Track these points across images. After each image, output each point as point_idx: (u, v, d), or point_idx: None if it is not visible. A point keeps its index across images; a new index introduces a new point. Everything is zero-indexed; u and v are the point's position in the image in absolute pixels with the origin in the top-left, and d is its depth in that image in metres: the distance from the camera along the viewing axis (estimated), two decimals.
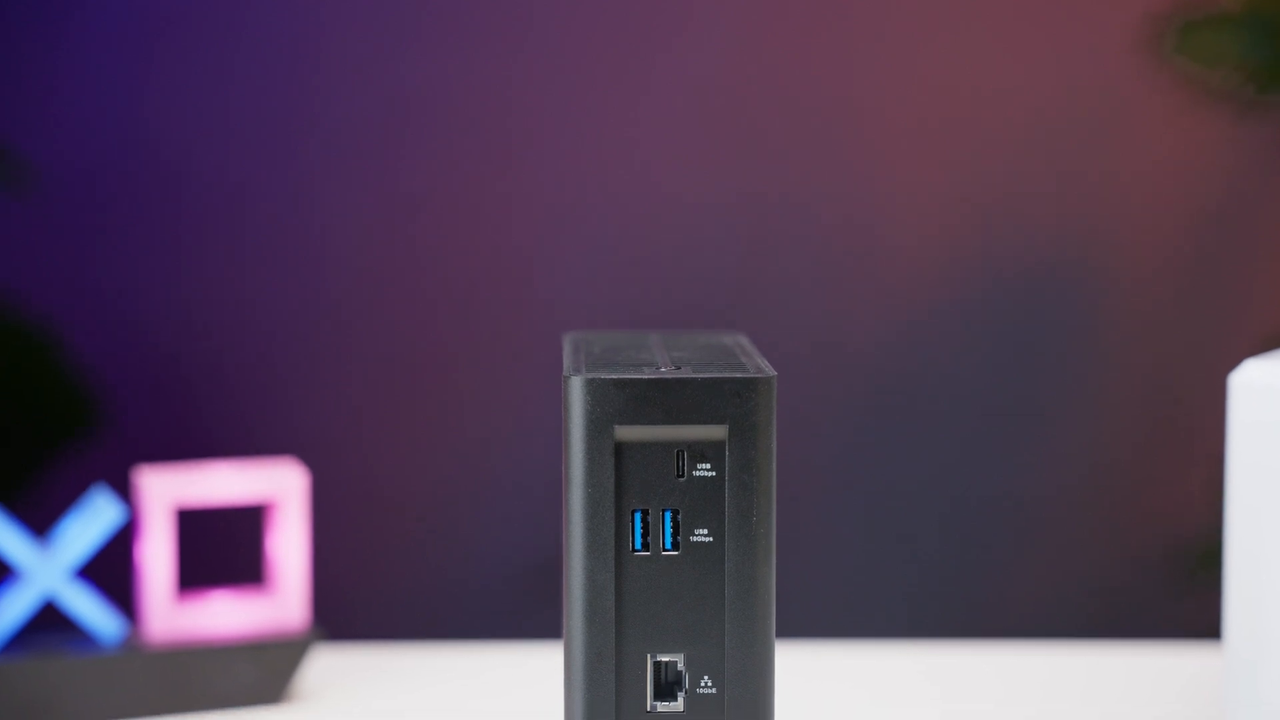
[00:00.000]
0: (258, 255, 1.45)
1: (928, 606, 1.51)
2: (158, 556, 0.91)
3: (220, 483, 0.92)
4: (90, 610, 0.91)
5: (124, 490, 0.96)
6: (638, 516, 0.65)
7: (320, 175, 1.46)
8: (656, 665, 0.66)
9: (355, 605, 1.36)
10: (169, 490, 0.91)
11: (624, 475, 0.65)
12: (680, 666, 0.66)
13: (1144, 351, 1.53)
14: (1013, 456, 1.52)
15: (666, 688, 0.66)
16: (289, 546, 0.93)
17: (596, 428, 0.65)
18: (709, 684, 0.66)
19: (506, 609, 1.41)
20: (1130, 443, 1.53)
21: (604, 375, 0.65)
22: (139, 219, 1.45)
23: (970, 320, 1.51)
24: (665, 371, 0.66)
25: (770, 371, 0.66)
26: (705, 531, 0.65)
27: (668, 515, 0.65)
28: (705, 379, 0.65)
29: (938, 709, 0.92)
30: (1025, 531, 1.53)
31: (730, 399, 0.65)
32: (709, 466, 0.65)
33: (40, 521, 1.04)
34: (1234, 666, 0.76)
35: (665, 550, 0.66)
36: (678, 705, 0.66)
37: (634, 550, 0.65)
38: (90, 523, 0.90)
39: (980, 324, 1.51)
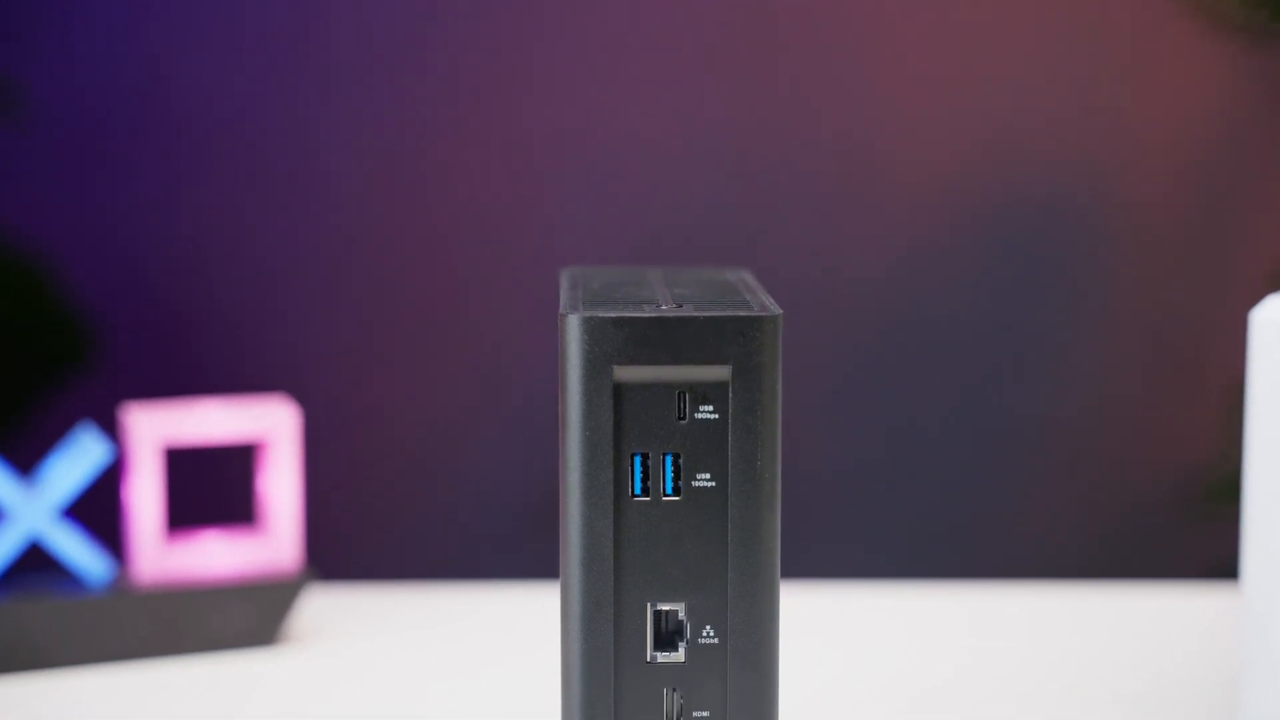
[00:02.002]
0: (251, 189, 1.43)
1: (935, 545, 1.50)
2: (146, 496, 0.89)
3: (210, 421, 0.91)
4: (77, 551, 0.89)
5: (111, 428, 0.95)
6: (637, 460, 0.63)
7: (317, 112, 1.43)
8: (657, 614, 0.64)
9: (349, 545, 1.35)
10: (157, 428, 0.90)
11: (623, 418, 0.63)
12: (681, 616, 0.64)
13: (1154, 283, 1.52)
14: (1022, 392, 1.51)
15: (667, 637, 0.64)
16: (281, 485, 0.92)
17: (594, 368, 0.62)
18: (711, 634, 0.64)
19: (503, 548, 1.40)
20: (1141, 375, 1.51)
21: (602, 313, 0.63)
22: (132, 151, 1.43)
23: (978, 253, 1.49)
24: (666, 309, 0.64)
25: (775, 309, 0.64)
26: (707, 476, 0.63)
27: (668, 459, 0.63)
28: (708, 317, 0.63)
29: (942, 651, 0.91)
30: (1035, 467, 1.51)
31: (734, 338, 0.63)
32: (711, 409, 0.63)
33: (25, 460, 1.02)
34: (1252, 609, 0.74)
35: (666, 495, 0.63)
36: (679, 655, 0.64)
37: (633, 495, 0.63)
38: (77, 461, 0.89)
39: (989, 257, 1.49)
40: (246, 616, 0.90)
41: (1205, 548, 1.46)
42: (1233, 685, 0.83)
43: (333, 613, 0.96)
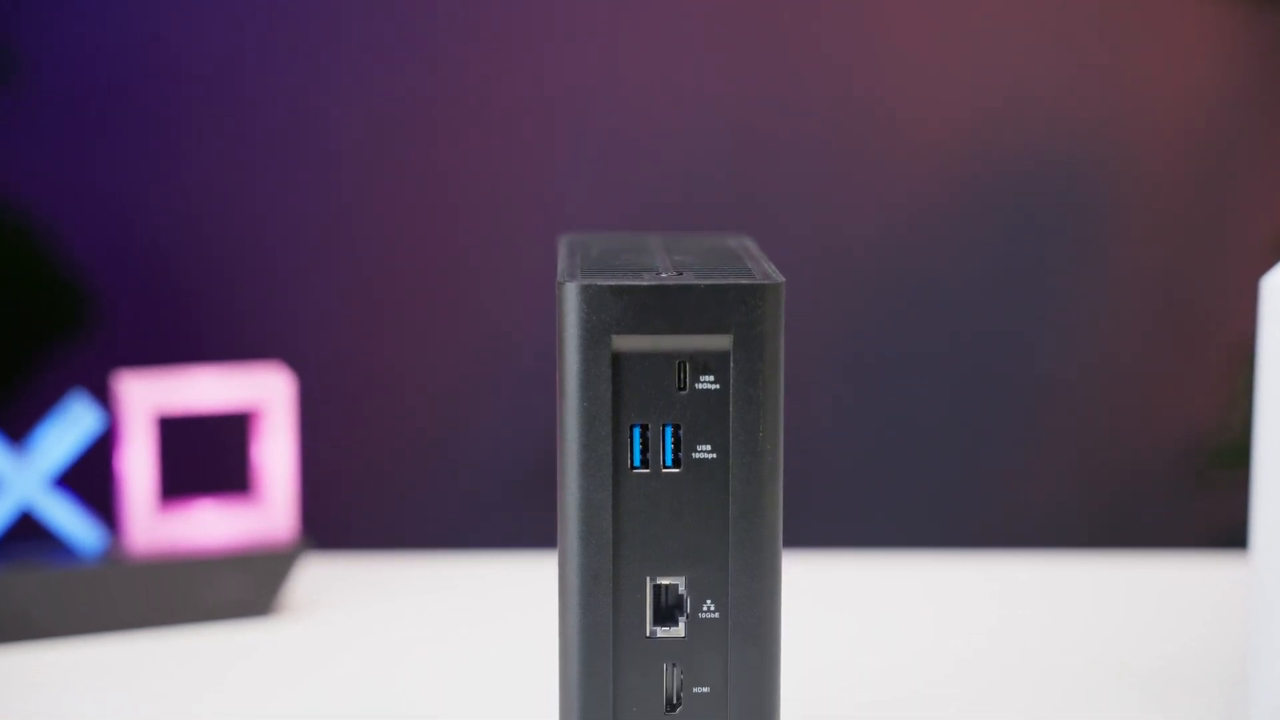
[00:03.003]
0: (248, 155, 1.42)
1: (939, 513, 1.49)
2: (140, 465, 0.88)
3: (204, 388, 0.90)
4: (69, 520, 0.88)
5: (104, 396, 0.94)
6: (636, 432, 0.62)
7: (314, 79, 1.42)
8: (656, 588, 0.63)
9: (345, 514, 1.34)
10: (151, 396, 0.88)
11: (622, 388, 0.62)
12: (681, 590, 0.63)
13: (1157, 249, 1.51)
14: (1024, 360, 1.50)
15: (667, 612, 0.63)
16: (276, 454, 0.90)
17: (593, 337, 0.61)
18: (712, 608, 0.63)
19: (501, 517, 1.39)
20: (1145, 340, 1.50)
21: (600, 281, 0.61)
22: (127, 117, 1.41)
23: (983, 219, 1.48)
24: (666, 277, 0.62)
25: (778, 277, 0.62)
26: (708, 448, 0.62)
27: (668, 430, 0.62)
28: (709, 285, 0.62)
29: (944, 621, 0.90)
30: (1036, 434, 1.51)
31: (736, 306, 0.61)
32: (712, 379, 0.62)
33: (17, 428, 1.01)
34: (1261, 580, 0.73)
35: (665, 467, 0.62)
36: (679, 630, 0.63)
37: (632, 467, 0.62)
38: (69, 430, 0.88)
39: (993, 223, 1.48)
40: (241, 587, 0.89)
41: (1206, 515, 1.45)
42: (1238, 657, 0.82)
43: (328, 583, 0.95)
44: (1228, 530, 1.31)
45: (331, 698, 0.80)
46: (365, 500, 1.38)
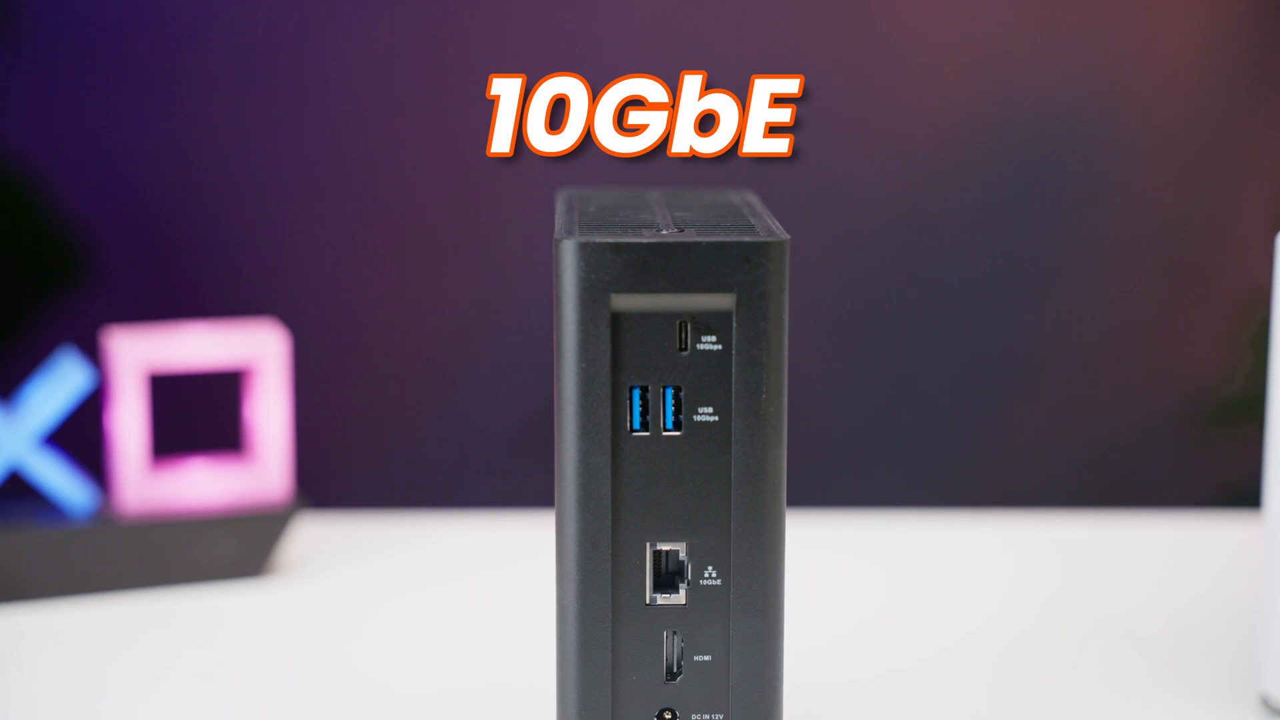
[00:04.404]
0: (244, 107, 1.40)
1: (939, 474, 1.48)
2: (130, 423, 0.87)
3: (196, 345, 0.88)
4: (59, 480, 0.87)
5: (94, 352, 0.92)
6: (636, 394, 0.60)
7: (312, 32, 1.40)
8: (656, 554, 0.61)
9: (339, 473, 1.33)
10: (141, 353, 0.87)
11: (621, 349, 0.60)
12: (682, 556, 0.61)
13: (1163, 200, 1.49)
14: (1029, 318, 1.48)
15: (667, 579, 0.62)
16: (269, 412, 0.89)
17: (591, 297, 0.60)
18: (713, 575, 0.61)
19: (499, 476, 1.38)
20: (1149, 293, 1.49)
21: (599, 238, 0.60)
22: (122, 69, 1.40)
23: (990, 174, 1.46)
24: (667, 234, 0.61)
25: (783, 234, 0.61)
26: (710, 410, 0.60)
27: (669, 392, 0.61)
28: (711, 243, 0.60)
29: (945, 584, 0.89)
30: (1041, 392, 1.49)
31: (739, 265, 0.60)
32: (714, 339, 0.60)
33: (5, 385, 1.00)
34: (1275, 536, 0.72)
35: (666, 430, 0.61)
36: (679, 597, 0.61)
37: (632, 430, 0.60)
38: (58, 387, 0.86)
39: (999, 177, 1.47)
40: (234, 547, 0.88)
41: (1210, 472, 1.44)
42: (1247, 615, 0.81)
43: (322, 542, 0.94)
44: (1231, 487, 1.30)
45: (325, 658, 0.79)
46: (359, 459, 1.37)
